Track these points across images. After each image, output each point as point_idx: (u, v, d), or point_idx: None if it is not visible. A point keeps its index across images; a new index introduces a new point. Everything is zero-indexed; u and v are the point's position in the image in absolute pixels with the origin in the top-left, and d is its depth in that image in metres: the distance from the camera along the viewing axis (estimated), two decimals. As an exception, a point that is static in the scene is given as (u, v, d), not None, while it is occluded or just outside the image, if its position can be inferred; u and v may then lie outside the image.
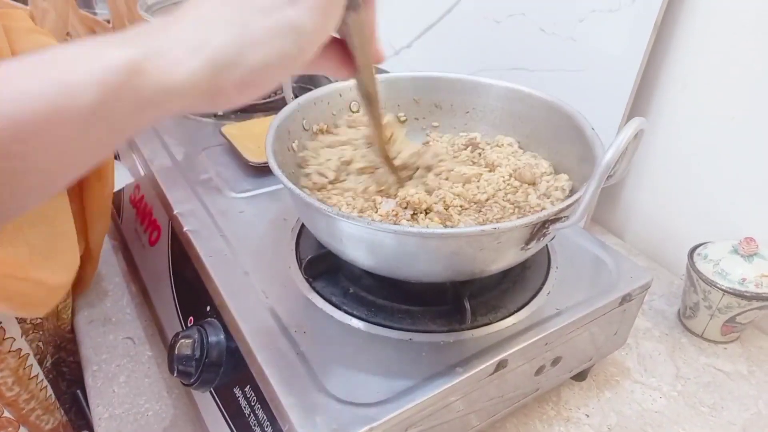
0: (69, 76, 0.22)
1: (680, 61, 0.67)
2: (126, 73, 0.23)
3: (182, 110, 0.26)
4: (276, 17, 0.26)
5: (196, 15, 0.26)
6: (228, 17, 0.26)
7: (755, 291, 0.56)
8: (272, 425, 0.39)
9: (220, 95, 0.26)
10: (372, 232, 0.38)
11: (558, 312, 0.47)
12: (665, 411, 0.54)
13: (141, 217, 0.66)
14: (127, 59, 0.23)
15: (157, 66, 0.24)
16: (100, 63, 0.23)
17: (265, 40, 0.26)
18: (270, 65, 0.26)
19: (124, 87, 0.23)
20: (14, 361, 0.51)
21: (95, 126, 0.23)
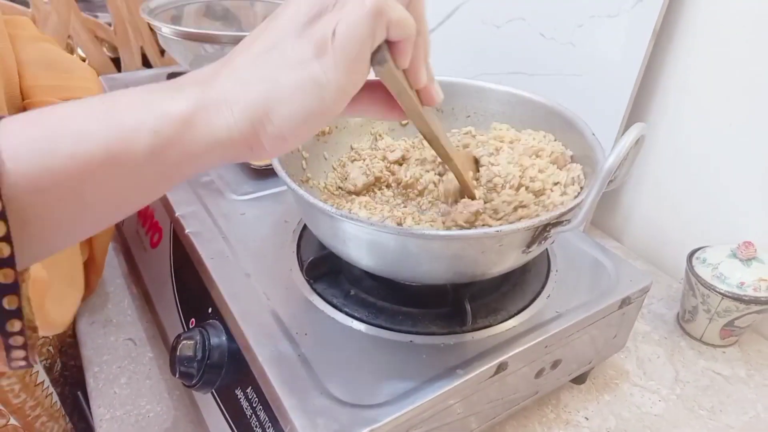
0: (127, 122, 0.24)
1: (679, 67, 0.68)
2: (179, 124, 0.25)
3: (225, 161, 0.27)
4: (301, 72, 0.26)
5: (235, 67, 0.27)
6: (262, 72, 0.26)
7: (754, 295, 0.57)
8: (274, 426, 0.39)
9: (257, 149, 0.27)
10: (374, 233, 0.39)
11: (558, 315, 0.47)
12: (664, 414, 0.54)
13: (142, 219, 0.66)
14: (180, 112, 0.25)
15: (204, 119, 0.25)
16: (155, 113, 0.24)
17: (290, 97, 0.26)
18: (296, 121, 0.26)
19: (176, 138, 0.25)
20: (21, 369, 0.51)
21: (146, 171, 0.25)
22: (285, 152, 0.28)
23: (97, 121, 0.24)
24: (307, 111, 0.26)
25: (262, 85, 0.26)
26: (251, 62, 0.26)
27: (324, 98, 0.26)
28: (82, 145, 0.23)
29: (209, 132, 0.25)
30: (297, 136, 0.27)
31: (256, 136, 0.26)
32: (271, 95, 0.26)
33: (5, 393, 0.50)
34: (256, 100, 0.26)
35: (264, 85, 0.26)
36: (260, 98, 0.26)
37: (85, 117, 0.24)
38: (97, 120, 0.24)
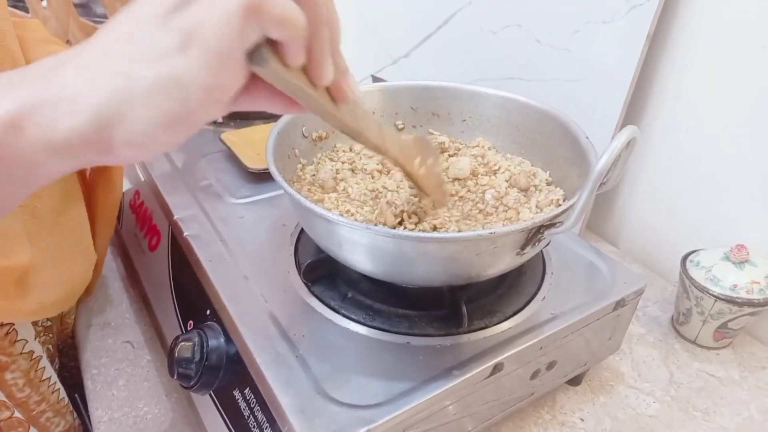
0: None
1: (673, 71, 0.69)
2: (4, 130, 0.21)
3: (72, 167, 0.24)
4: (161, 67, 0.22)
5: (84, 59, 0.23)
6: (113, 65, 0.22)
7: (746, 297, 0.57)
8: (271, 427, 0.39)
9: (110, 153, 0.23)
10: (370, 236, 0.39)
11: (553, 317, 0.47)
12: (659, 415, 0.55)
13: (141, 222, 0.66)
14: (4, 114, 0.21)
15: (38, 122, 0.21)
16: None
17: (147, 96, 0.22)
18: (153, 126, 0.22)
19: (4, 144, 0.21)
20: (26, 363, 0.51)
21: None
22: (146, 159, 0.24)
23: None
24: (166, 114, 0.22)
25: (114, 81, 0.22)
26: (103, 53, 0.23)
27: (187, 100, 0.22)
28: None
29: (45, 136, 0.22)
30: (156, 143, 0.23)
31: (104, 140, 0.22)
32: (122, 93, 0.22)
33: (9, 386, 0.50)
34: (106, 97, 0.22)
35: (116, 81, 0.22)
36: (111, 95, 0.22)
37: None
38: None
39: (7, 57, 0.45)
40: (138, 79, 0.22)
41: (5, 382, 0.50)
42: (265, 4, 0.22)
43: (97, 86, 0.22)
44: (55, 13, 0.94)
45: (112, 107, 0.22)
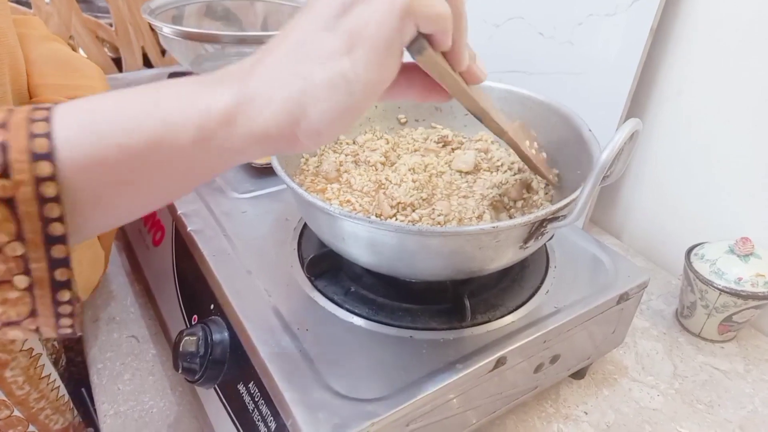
0: (174, 117, 0.25)
1: (676, 64, 0.68)
2: (220, 121, 0.26)
3: (263, 154, 0.28)
4: (331, 69, 0.26)
5: (270, 62, 0.27)
6: (294, 67, 0.26)
7: (751, 290, 0.57)
8: (276, 420, 0.40)
9: (295, 143, 0.28)
10: (373, 231, 0.39)
11: (556, 310, 0.47)
12: (663, 408, 0.55)
13: (145, 217, 0.67)
14: (221, 108, 0.26)
15: (243, 116, 0.26)
16: (199, 109, 0.26)
17: (322, 93, 0.26)
18: (330, 117, 0.26)
19: (217, 133, 0.26)
20: (25, 360, 0.52)
21: (191, 162, 0.26)
22: (324, 143, 0.30)
23: (145, 114, 0.25)
24: (339, 107, 0.26)
25: (296, 82, 0.26)
26: (284, 58, 0.27)
27: (354, 93, 0.26)
28: (130, 137, 0.24)
29: (248, 128, 0.26)
30: (332, 130, 0.27)
31: (292, 131, 0.27)
32: (304, 92, 0.26)
33: (9, 384, 0.51)
34: (291, 96, 0.26)
35: (297, 82, 0.26)
36: (294, 95, 0.26)
37: (135, 110, 0.25)
38: (146, 113, 0.25)
39: (7, 54, 0.46)
40: (313, 79, 0.26)
41: (5, 380, 0.50)
42: (418, 5, 0.26)
43: (282, 88, 0.26)
44: (57, 9, 0.95)
45: (295, 104, 0.26)
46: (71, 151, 0.23)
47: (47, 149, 0.23)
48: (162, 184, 0.27)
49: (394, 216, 0.46)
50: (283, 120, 0.26)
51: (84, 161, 0.24)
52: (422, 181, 0.49)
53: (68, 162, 0.23)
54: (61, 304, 0.25)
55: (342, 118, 0.27)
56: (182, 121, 0.25)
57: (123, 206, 0.27)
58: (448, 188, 0.50)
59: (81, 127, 0.24)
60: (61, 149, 0.23)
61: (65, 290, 0.25)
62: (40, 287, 0.24)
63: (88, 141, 0.24)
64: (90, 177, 0.24)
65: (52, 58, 0.52)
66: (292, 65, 0.26)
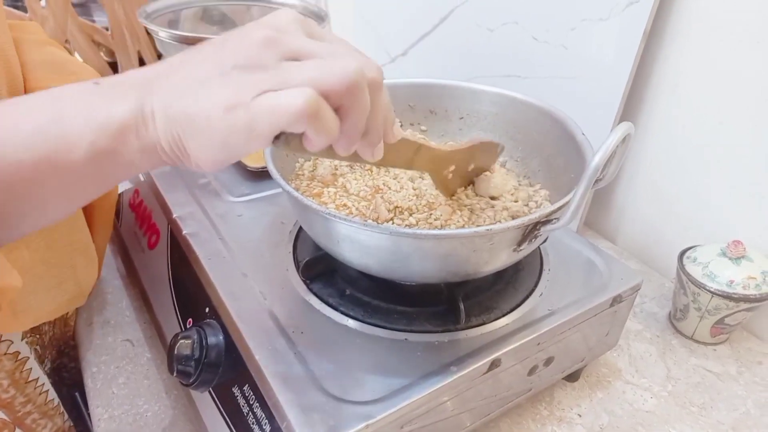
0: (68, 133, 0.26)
1: (669, 68, 0.69)
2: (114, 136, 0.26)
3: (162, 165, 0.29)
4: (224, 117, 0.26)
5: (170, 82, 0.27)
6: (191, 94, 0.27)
7: (743, 293, 0.58)
8: (270, 423, 0.40)
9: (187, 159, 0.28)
10: (367, 234, 0.39)
11: (550, 312, 0.48)
12: (656, 411, 0.55)
13: (140, 220, 0.67)
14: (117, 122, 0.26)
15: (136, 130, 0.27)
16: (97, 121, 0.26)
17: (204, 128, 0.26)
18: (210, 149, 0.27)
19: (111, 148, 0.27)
20: (11, 364, 0.51)
21: (87, 175, 0.27)
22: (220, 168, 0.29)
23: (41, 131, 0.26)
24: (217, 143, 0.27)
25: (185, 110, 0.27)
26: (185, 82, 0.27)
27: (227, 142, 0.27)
28: (27, 154, 0.25)
29: (141, 142, 0.27)
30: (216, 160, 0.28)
31: (178, 153, 0.28)
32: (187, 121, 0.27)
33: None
34: (176, 119, 0.27)
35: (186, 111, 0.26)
36: (179, 121, 0.27)
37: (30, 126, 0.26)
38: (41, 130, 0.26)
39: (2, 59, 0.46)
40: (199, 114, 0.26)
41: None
42: (321, 118, 0.26)
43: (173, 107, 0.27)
44: (53, 13, 0.95)
45: (179, 129, 0.27)
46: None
47: None
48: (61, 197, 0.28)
49: (391, 220, 0.46)
50: (171, 137, 0.27)
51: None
52: (422, 189, 0.50)
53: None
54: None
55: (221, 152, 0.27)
56: (76, 139, 0.26)
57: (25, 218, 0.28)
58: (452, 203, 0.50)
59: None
60: None
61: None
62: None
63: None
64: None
65: (49, 62, 0.52)
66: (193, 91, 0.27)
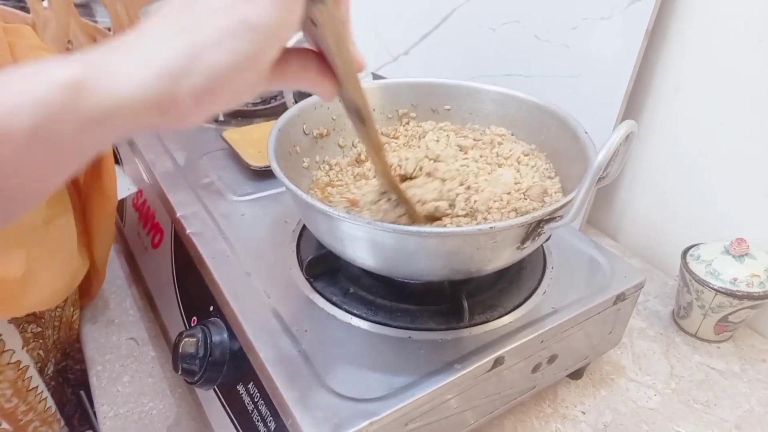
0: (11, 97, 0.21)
1: (671, 67, 0.69)
2: (67, 92, 0.22)
3: (134, 129, 0.24)
4: (229, 16, 0.23)
5: (147, 27, 0.24)
6: (180, 24, 0.24)
7: (746, 290, 0.58)
8: (275, 421, 0.40)
9: (174, 109, 0.24)
10: (371, 232, 0.40)
11: (554, 311, 0.48)
12: (660, 408, 0.55)
13: (144, 220, 0.67)
14: (68, 78, 0.22)
15: (103, 82, 0.22)
16: (40, 84, 0.22)
17: (218, 42, 0.23)
18: (226, 68, 0.24)
19: (65, 107, 0.22)
20: (13, 374, 0.51)
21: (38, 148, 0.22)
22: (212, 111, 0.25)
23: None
24: (238, 56, 0.24)
25: (182, 37, 0.23)
26: (167, 19, 0.24)
27: (256, 41, 0.24)
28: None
29: (109, 96, 0.22)
30: (227, 86, 0.24)
31: (172, 93, 0.23)
32: (192, 45, 0.23)
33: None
34: (175, 51, 0.23)
35: (183, 37, 0.23)
36: (179, 50, 0.23)
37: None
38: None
39: None
40: (207, 30, 0.23)
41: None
42: None
43: (164, 44, 0.23)
44: (56, 14, 0.95)
45: (181, 59, 0.23)
46: None
47: None
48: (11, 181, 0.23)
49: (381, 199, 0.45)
50: (160, 80, 0.23)
51: None
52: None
53: None
54: None
55: (241, 69, 0.24)
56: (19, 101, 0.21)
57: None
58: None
59: None
60: None
61: None
62: None
63: None
64: None
65: None
66: (178, 24, 0.24)
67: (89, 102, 0.22)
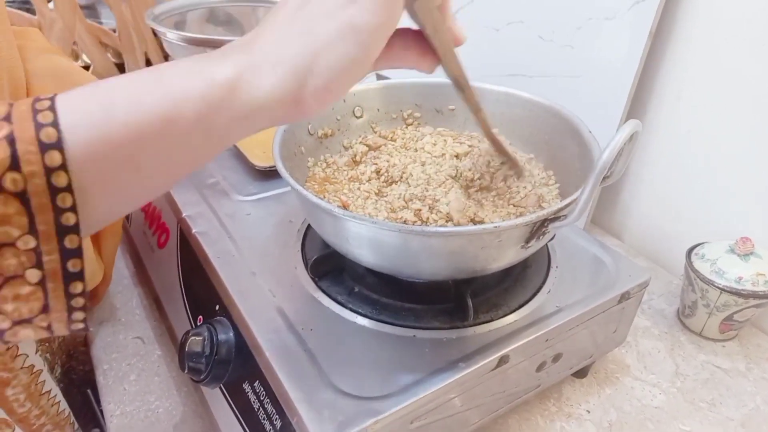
0: (176, 90, 0.25)
1: (676, 67, 0.69)
2: (224, 90, 0.26)
3: (271, 123, 0.28)
4: (338, 19, 0.26)
5: (273, 28, 0.27)
6: (298, 27, 0.27)
7: (752, 289, 0.58)
8: (281, 419, 0.40)
9: (301, 105, 0.27)
10: (377, 231, 0.40)
11: (558, 309, 0.48)
12: (665, 407, 0.55)
13: (150, 220, 0.67)
14: (224, 78, 0.26)
15: (248, 82, 0.26)
16: (202, 80, 0.25)
17: (330, 46, 0.26)
18: (338, 69, 0.27)
19: (222, 102, 0.26)
20: (26, 378, 0.52)
21: (197, 135, 0.26)
22: (330, 104, 0.28)
23: (147, 90, 0.25)
24: (348, 57, 0.27)
25: (301, 39, 0.26)
26: (287, 20, 0.27)
27: (362, 42, 0.27)
28: (134, 114, 0.24)
29: (253, 94, 0.26)
30: (341, 85, 0.28)
31: (299, 91, 0.27)
32: (310, 48, 0.26)
33: (10, 402, 0.51)
34: (297, 54, 0.26)
35: (302, 39, 0.26)
36: (300, 52, 0.26)
37: (136, 87, 0.25)
38: (148, 89, 0.25)
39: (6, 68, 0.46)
40: (320, 33, 0.26)
41: (6, 398, 0.50)
42: None
43: (288, 48, 0.26)
44: (61, 15, 0.95)
45: (302, 62, 0.26)
46: (78, 135, 0.23)
47: (56, 138, 0.23)
48: (168, 162, 0.27)
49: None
50: (290, 80, 0.26)
51: (90, 145, 0.24)
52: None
53: (76, 148, 0.23)
54: (74, 296, 0.25)
55: (351, 70, 0.27)
56: (186, 93, 0.25)
57: (131, 190, 0.27)
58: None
59: (85, 111, 0.24)
60: (68, 136, 0.23)
61: (78, 282, 0.24)
62: (53, 280, 0.24)
63: (93, 123, 0.24)
64: (98, 161, 0.24)
65: (52, 69, 0.53)
66: (296, 25, 0.27)
67: (241, 100, 0.26)
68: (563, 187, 0.52)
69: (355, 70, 0.27)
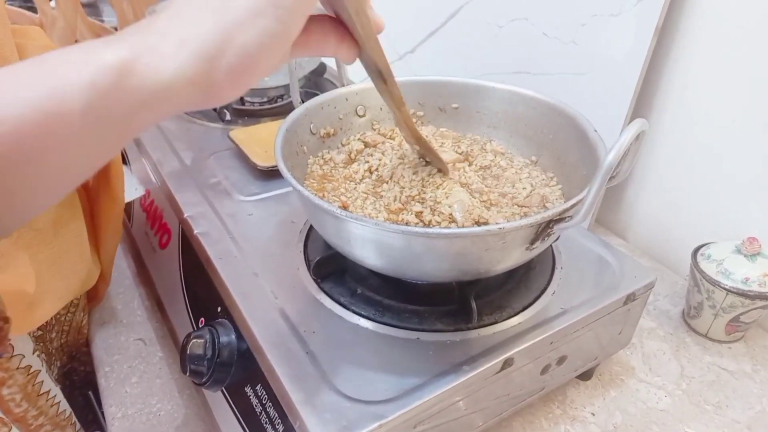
0: (58, 81, 0.22)
1: (681, 64, 0.68)
2: (115, 74, 0.23)
3: (178, 109, 0.25)
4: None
5: (179, 7, 0.25)
6: (209, 4, 0.25)
7: (758, 290, 0.57)
8: (283, 422, 0.40)
9: (213, 88, 0.25)
10: (379, 233, 0.39)
11: (563, 311, 0.47)
12: (670, 409, 0.54)
13: (151, 221, 0.67)
14: (115, 60, 0.23)
15: (147, 64, 0.23)
16: (89, 66, 0.22)
17: (248, 21, 0.24)
18: (255, 47, 0.25)
19: (113, 89, 0.23)
20: (23, 378, 0.51)
21: (89, 129, 0.23)
22: (245, 88, 0.26)
23: (25, 82, 0.22)
24: (267, 33, 0.25)
25: (214, 17, 0.24)
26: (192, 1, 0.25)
27: (282, 18, 0.25)
28: (10, 110, 0.21)
29: (155, 78, 0.23)
30: (258, 64, 0.25)
31: (210, 73, 0.24)
32: (223, 25, 0.24)
33: (6, 402, 0.50)
34: (207, 31, 0.24)
35: (215, 16, 0.24)
36: (211, 29, 0.24)
37: (13, 79, 0.22)
38: (26, 81, 0.22)
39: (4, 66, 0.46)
40: (236, 8, 0.24)
41: (2, 398, 0.50)
42: None
43: (197, 25, 0.24)
44: (63, 14, 0.95)
45: (214, 39, 0.24)
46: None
47: None
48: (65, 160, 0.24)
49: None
50: (199, 61, 0.24)
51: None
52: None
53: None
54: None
55: (271, 47, 0.25)
56: (70, 80, 0.22)
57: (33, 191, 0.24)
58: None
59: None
60: None
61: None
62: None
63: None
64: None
65: None
66: (207, 4, 0.25)
67: (135, 83, 0.23)
68: (567, 187, 0.51)
69: (274, 47, 0.26)
